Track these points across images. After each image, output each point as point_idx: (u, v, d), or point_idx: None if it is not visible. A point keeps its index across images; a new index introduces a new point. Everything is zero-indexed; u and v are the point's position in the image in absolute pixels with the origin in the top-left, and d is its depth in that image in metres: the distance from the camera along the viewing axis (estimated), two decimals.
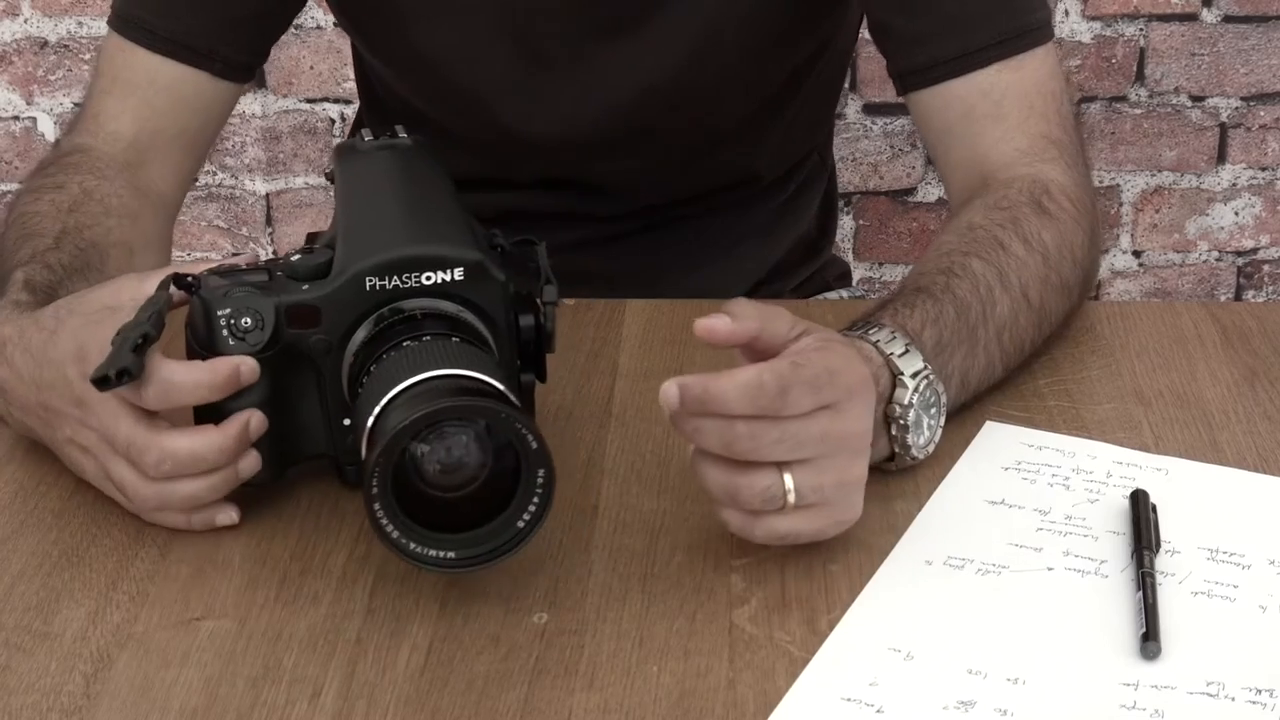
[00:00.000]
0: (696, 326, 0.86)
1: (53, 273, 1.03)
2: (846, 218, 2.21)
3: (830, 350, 0.86)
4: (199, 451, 0.89)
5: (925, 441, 0.95)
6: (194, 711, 0.80)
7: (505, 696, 0.80)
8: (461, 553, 0.84)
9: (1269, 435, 1.00)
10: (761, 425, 0.83)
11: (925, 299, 0.98)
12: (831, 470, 0.86)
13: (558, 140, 1.25)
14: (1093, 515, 0.92)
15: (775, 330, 0.87)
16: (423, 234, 0.91)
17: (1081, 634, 0.83)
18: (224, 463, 0.89)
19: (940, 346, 0.96)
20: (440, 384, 0.83)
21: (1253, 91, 2.15)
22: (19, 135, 2.20)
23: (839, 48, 1.33)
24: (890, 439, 0.93)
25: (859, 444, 0.87)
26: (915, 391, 0.93)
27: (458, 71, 1.23)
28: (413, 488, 0.83)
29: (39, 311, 0.96)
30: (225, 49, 1.20)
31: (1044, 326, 1.05)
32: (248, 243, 2.26)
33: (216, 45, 1.19)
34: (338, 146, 0.99)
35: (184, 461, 0.89)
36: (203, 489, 0.90)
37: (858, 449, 0.87)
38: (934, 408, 0.94)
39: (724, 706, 0.79)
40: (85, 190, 1.12)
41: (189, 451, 0.89)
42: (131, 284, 0.94)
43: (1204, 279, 2.25)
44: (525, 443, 0.82)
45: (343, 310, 0.90)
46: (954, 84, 1.14)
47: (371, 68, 1.34)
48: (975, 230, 1.05)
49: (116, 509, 0.94)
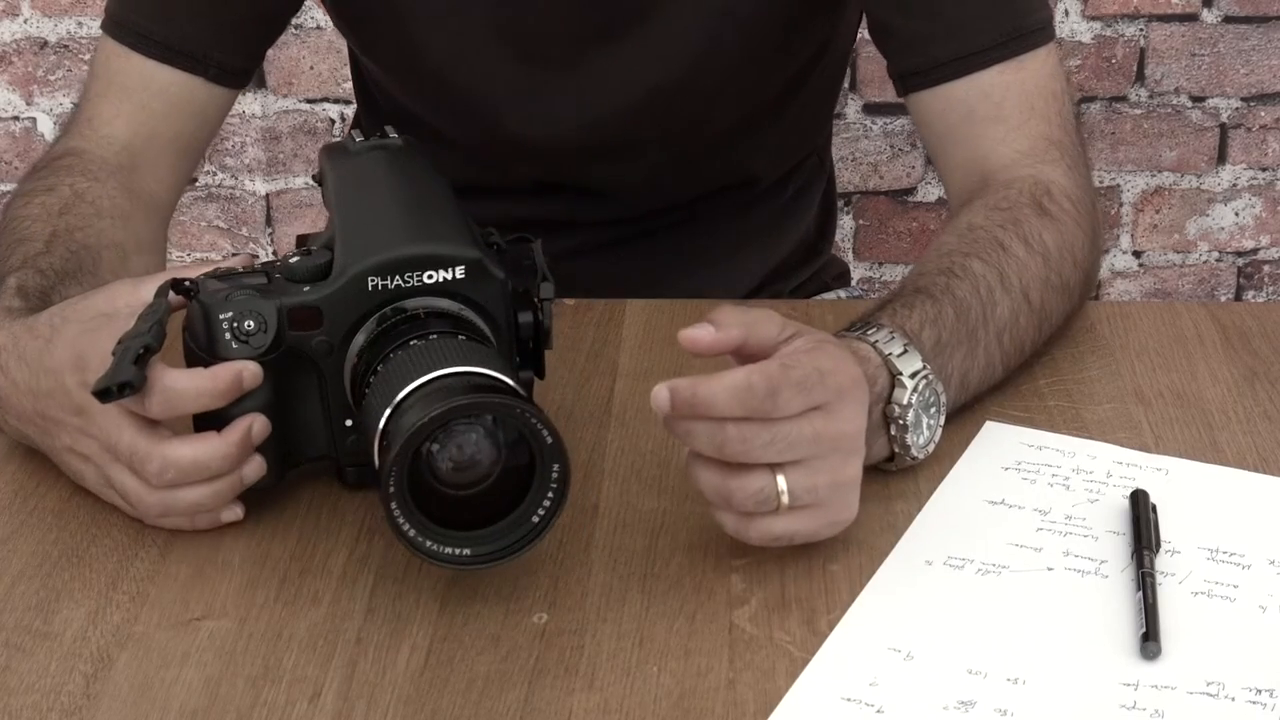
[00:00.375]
0: (680, 337, 0.86)
1: (45, 277, 1.03)
2: (846, 218, 2.21)
3: (820, 351, 0.86)
4: (202, 459, 0.89)
5: (925, 441, 0.94)
6: (194, 711, 0.80)
7: (505, 696, 0.80)
8: (477, 549, 0.84)
9: (1269, 435, 1.00)
10: (752, 427, 0.83)
11: (924, 299, 0.98)
12: (825, 471, 0.85)
13: (555, 144, 1.24)
14: (1093, 515, 0.92)
15: (764, 334, 0.87)
16: (422, 233, 0.91)
17: (1081, 634, 0.83)
18: (227, 469, 0.89)
19: (939, 347, 0.96)
20: (453, 382, 0.83)
21: (1253, 92, 2.15)
22: (19, 135, 2.20)
23: (838, 49, 1.33)
24: (890, 439, 0.93)
25: (851, 444, 0.87)
26: (914, 391, 0.92)
27: (455, 74, 1.22)
28: (426, 486, 0.83)
29: (33, 318, 0.96)
30: (220, 54, 1.19)
31: (1044, 328, 1.05)
32: (247, 243, 2.25)
33: (211, 50, 1.19)
34: (326, 147, 0.99)
35: (187, 470, 0.89)
36: (206, 495, 0.90)
37: (851, 449, 0.87)
38: (933, 408, 0.94)
39: (724, 706, 0.79)
40: (77, 192, 1.11)
41: (192, 460, 0.88)
42: (126, 289, 0.94)
43: (1204, 279, 2.25)
44: (540, 437, 0.82)
45: (345, 311, 0.90)
46: (954, 85, 1.14)
47: (368, 71, 1.34)
48: (976, 231, 1.05)
49: (117, 509, 0.94)
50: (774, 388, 0.83)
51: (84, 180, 1.13)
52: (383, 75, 1.30)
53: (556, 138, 1.24)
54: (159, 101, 1.19)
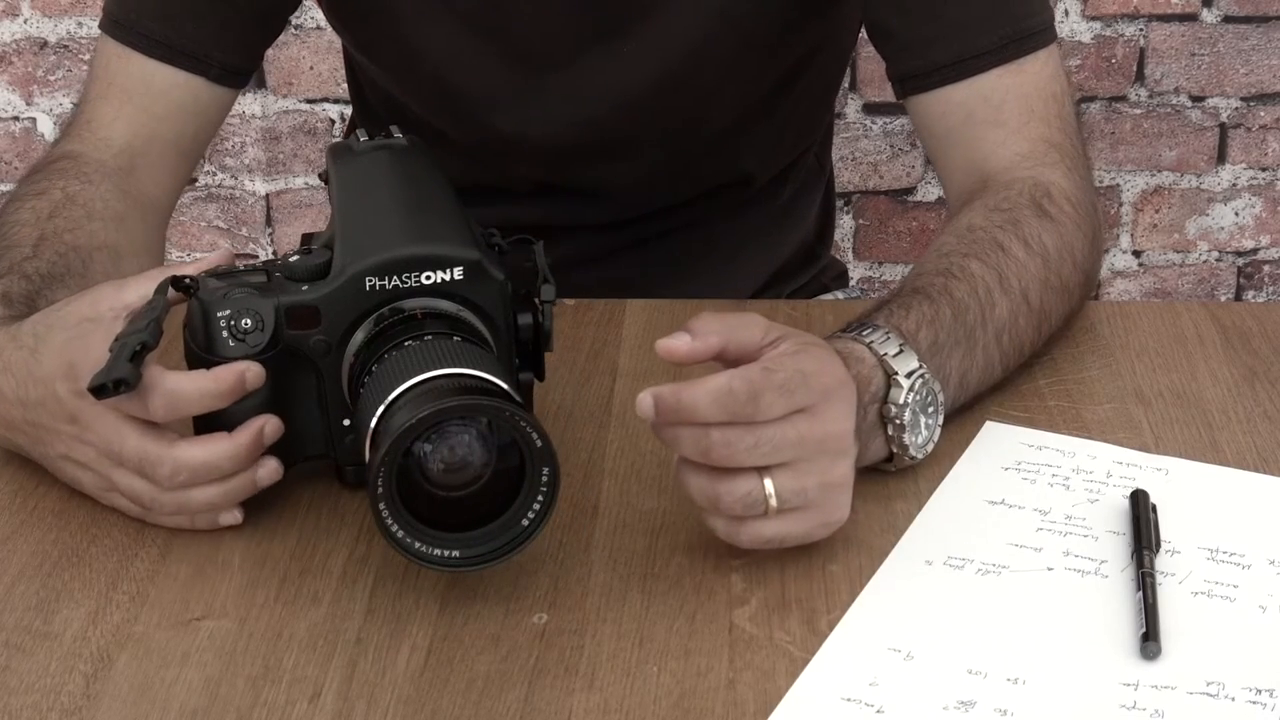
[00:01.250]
0: (657, 346, 0.86)
1: (30, 282, 1.02)
2: (846, 217, 2.21)
3: (805, 354, 0.86)
4: (213, 461, 0.89)
5: (923, 441, 0.94)
6: (194, 711, 0.80)
7: (505, 696, 0.80)
8: (466, 552, 0.84)
9: (1269, 435, 1.00)
10: (736, 431, 0.83)
11: (922, 300, 0.98)
12: (813, 473, 0.85)
13: (553, 142, 1.24)
14: (1093, 515, 0.92)
15: (746, 338, 0.87)
16: (422, 233, 0.91)
17: (1081, 634, 0.83)
18: (239, 469, 0.89)
19: (936, 347, 0.96)
20: (444, 383, 0.83)
21: (1253, 92, 2.15)
22: (19, 135, 2.20)
23: (837, 48, 1.33)
24: (887, 439, 0.93)
25: (838, 445, 0.87)
26: (910, 391, 0.92)
27: (451, 73, 1.22)
28: (417, 487, 0.83)
29: (16, 327, 0.95)
30: (221, 53, 1.19)
31: (1044, 328, 1.05)
32: (247, 243, 2.26)
33: (213, 50, 1.19)
34: (332, 147, 0.99)
35: (199, 472, 0.89)
36: (218, 494, 0.90)
37: (838, 450, 0.87)
38: (931, 407, 0.94)
39: (724, 706, 0.79)
40: (68, 195, 1.11)
41: (203, 461, 0.88)
42: (109, 293, 0.93)
43: (1204, 279, 2.25)
44: (530, 440, 0.82)
45: (343, 310, 0.90)
46: (954, 89, 1.13)
47: (363, 70, 1.34)
48: (975, 232, 1.05)
49: (116, 510, 0.94)
50: (755, 391, 0.83)
51: (77, 183, 1.12)
52: (377, 74, 1.30)
53: (554, 136, 1.24)
54: (160, 103, 1.18)
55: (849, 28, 1.32)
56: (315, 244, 0.92)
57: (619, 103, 1.22)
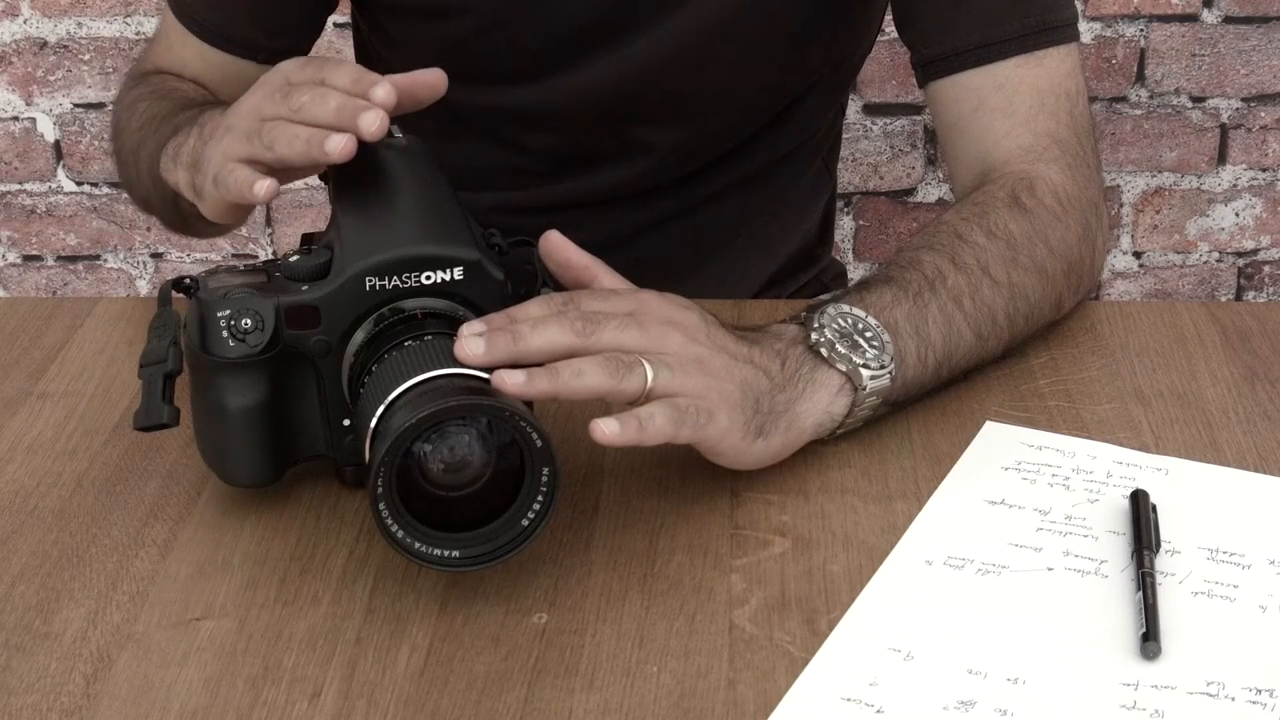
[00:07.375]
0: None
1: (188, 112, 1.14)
2: (846, 218, 2.21)
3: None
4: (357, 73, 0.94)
5: (875, 359, 0.95)
6: (194, 711, 0.80)
7: (505, 696, 0.80)
8: (466, 552, 0.84)
9: (1269, 435, 1.00)
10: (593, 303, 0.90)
11: (854, 287, 1.01)
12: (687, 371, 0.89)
13: (578, 104, 1.25)
14: (1093, 515, 0.92)
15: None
16: (422, 233, 0.91)
17: (1081, 634, 0.83)
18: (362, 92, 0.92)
19: (860, 297, 0.99)
20: (444, 383, 0.83)
21: (1253, 92, 2.15)
22: (19, 135, 2.20)
23: (850, 48, 1.32)
24: (832, 369, 0.95)
25: (686, 320, 0.91)
26: (821, 316, 0.95)
27: (483, 41, 1.23)
28: (417, 487, 0.84)
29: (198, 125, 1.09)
30: (271, 43, 1.26)
31: (1020, 303, 1.05)
32: (247, 243, 2.26)
33: (263, 41, 1.26)
34: None
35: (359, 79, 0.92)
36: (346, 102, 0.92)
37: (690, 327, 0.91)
38: (868, 332, 0.96)
39: (724, 706, 0.79)
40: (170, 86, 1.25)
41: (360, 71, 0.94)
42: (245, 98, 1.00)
43: (1204, 280, 2.25)
44: (530, 440, 0.82)
45: (343, 310, 0.90)
46: (971, 74, 1.15)
47: (379, 60, 1.34)
48: (939, 226, 1.07)
49: (116, 509, 0.94)
50: (570, 298, 0.90)
51: (173, 80, 1.27)
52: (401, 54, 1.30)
53: (583, 97, 1.24)
54: (214, 73, 1.29)
55: (871, 22, 1.32)
56: (315, 244, 0.92)
57: (651, 64, 1.22)
